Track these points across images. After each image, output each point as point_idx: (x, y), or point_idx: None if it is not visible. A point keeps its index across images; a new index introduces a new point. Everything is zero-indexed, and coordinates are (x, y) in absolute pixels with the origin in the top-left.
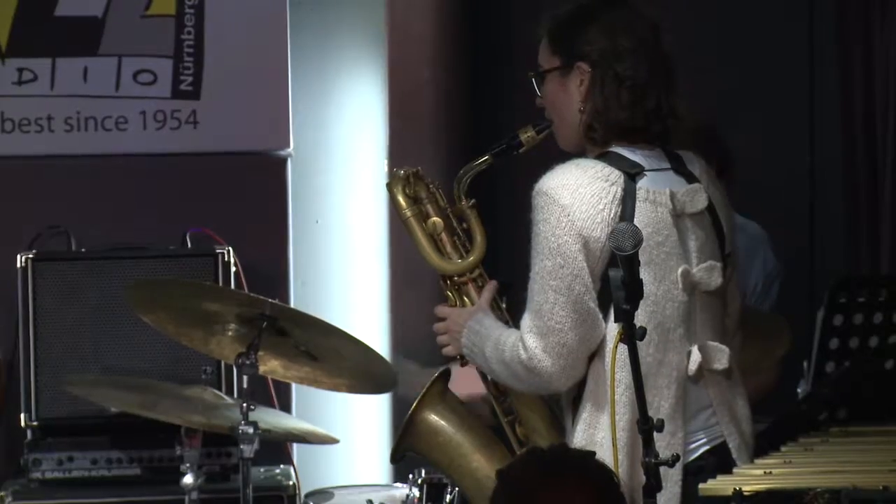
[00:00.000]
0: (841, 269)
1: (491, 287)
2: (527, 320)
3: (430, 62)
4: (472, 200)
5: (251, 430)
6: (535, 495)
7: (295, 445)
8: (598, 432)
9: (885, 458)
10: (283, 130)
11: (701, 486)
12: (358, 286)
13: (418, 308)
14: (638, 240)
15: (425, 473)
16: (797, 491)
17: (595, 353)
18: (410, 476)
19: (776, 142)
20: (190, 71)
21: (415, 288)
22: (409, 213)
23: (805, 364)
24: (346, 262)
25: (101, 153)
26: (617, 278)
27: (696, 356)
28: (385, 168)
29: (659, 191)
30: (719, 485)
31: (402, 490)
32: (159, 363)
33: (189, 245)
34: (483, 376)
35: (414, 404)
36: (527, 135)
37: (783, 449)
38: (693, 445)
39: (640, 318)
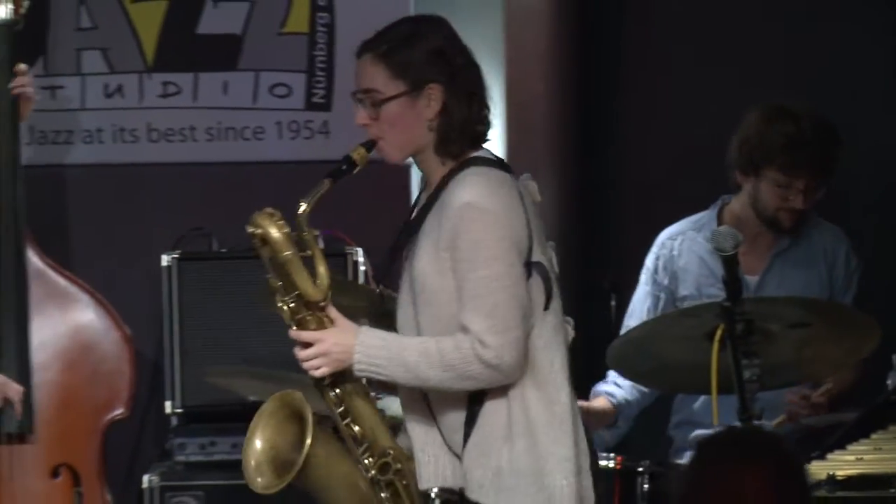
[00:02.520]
0: None
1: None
2: (480, 322)
3: (544, 77)
4: (316, 232)
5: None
6: (739, 477)
7: None
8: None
9: None
10: None
11: None
12: None
13: None
14: (738, 241)
15: None
16: (887, 475)
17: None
18: None
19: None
20: (322, 84)
21: None
22: (288, 250)
23: (894, 357)
24: None
25: (239, 161)
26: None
27: (570, 323)
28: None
29: (522, 183)
30: (813, 469)
31: None
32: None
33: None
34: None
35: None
36: (358, 153)
37: (873, 436)
38: None
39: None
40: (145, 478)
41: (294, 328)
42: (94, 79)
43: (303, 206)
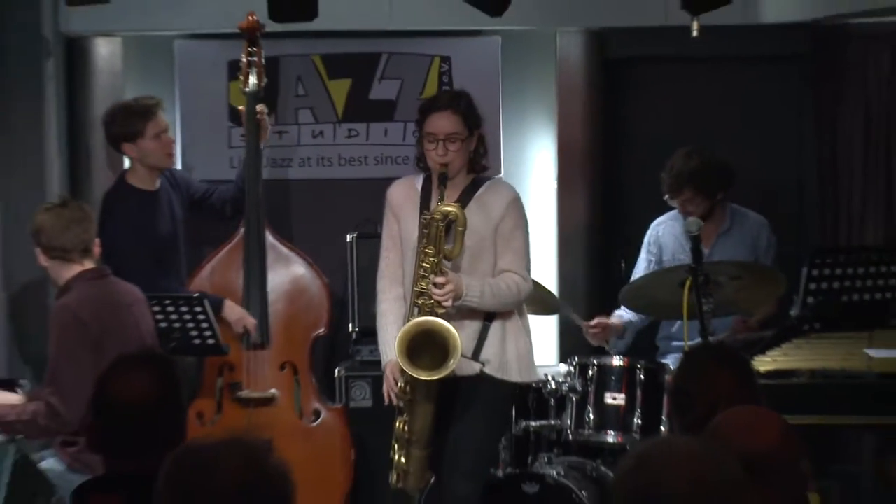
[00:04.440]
0: (816, 242)
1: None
2: (522, 269)
3: (581, 125)
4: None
5: None
6: (714, 372)
7: None
8: (510, 334)
9: (843, 352)
10: (497, 158)
11: None
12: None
13: (574, 271)
14: (700, 226)
15: (578, 358)
16: (790, 370)
17: None
18: (568, 359)
19: (772, 162)
20: None
21: (568, 263)
22: (462, 226)
23: (795, 297)
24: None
25: (393, 176)
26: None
27: None
28: (555, 185)
29: None
30: None
31: (564, 367)
32: None
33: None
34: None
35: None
36: (444, 170)
37: (783, 346)
38: None
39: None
40: (336, 370)
41: (432, 276)
42: (305, 126)
43: (448, 203)
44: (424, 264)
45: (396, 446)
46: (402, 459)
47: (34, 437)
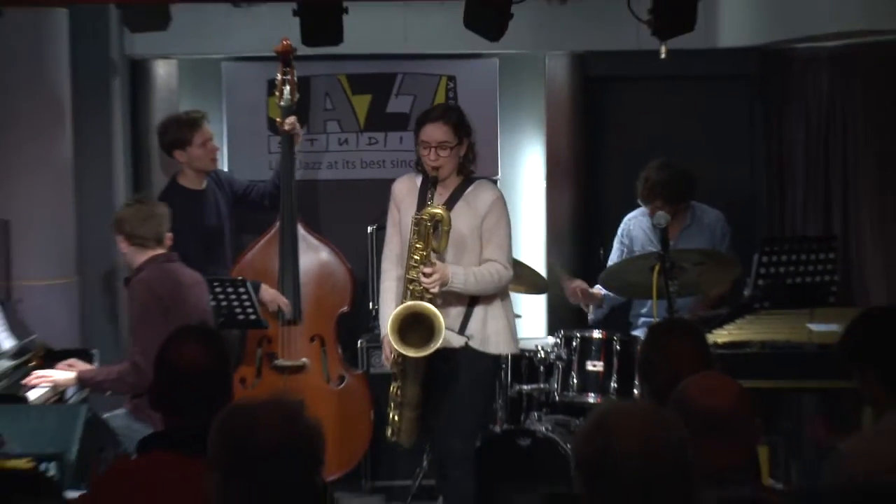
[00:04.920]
0: (765, 233)
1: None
2: (504, 259)
3: (567, 136)
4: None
5: None
6: (678, 342)
7: None
8: (491, 314)
9: (788, 327)
10: (494, 162)
11: None
12: (524, 242)
13: (560, 258)
14: (668, 220)
15: (563, 331)
16: (743, 341)
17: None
18: (555, 332)
19: (728, 166)
20: None
21: (555, 251)
22: (447, 225)
23: (748, 280)
24: (523, 232)
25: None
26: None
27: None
28: (544, 185)
29: None
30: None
31: (552, 339)
32: None
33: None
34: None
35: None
36: (435, 173)
37: (737, 321)
38: None
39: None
40: (358, 341)
41: (422, 266)
42: (332, 135)
43: (436, 205)
44: (415, 256)
45: (392, 406)
46: (396, 418)
47: (121, 393)
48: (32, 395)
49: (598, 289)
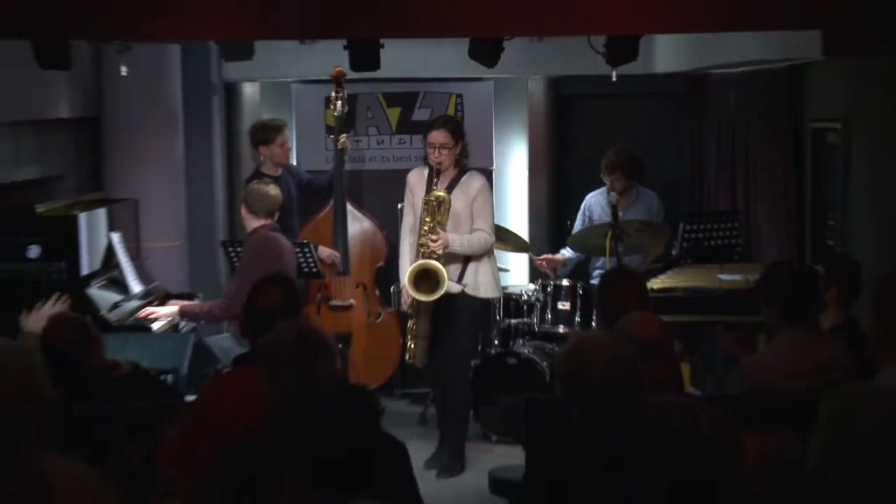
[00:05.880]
0: (688, 209)
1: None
2: (487, 228)
3: (543, 137)
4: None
5: None
6: (624, 284)
7: None
8: (480, 269)
9: (704, 276)
10: (490, 156)
11: None
12: (512, 216)
13: (539, 227)
14: (617, 198)
15: (541, 280)
16: (673, 287)
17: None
18: (535, 281)
19: (662, 161)
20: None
21: (538, 227)
22: (449, 204)
23: (675, 243)
24: (511, 207)
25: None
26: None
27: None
28: (527, 174)
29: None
30: None
31: (533, 286)
32: None
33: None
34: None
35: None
36: (438, 165)
37: (668, 273)
38: None
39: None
40: (391, 287)
41: (430, 234)
42: (372, 137)
43: (440, 189)
44: (425, 228)
45: (409, 337)
46: (412, 346)
47: (211, 323)
48: (155, 326)
49: (562, 253)
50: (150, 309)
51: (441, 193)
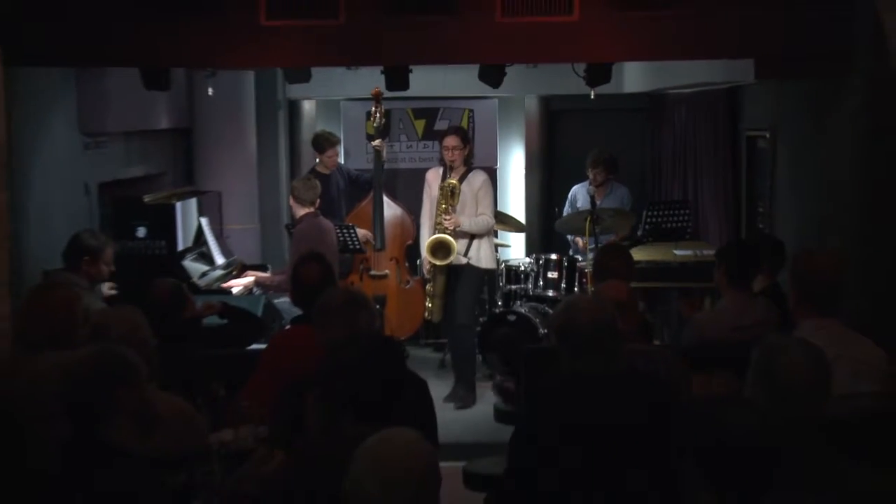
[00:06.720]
0: (650, 199)
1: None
2: (489, 212)
3: (537, 142)
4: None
5: None
6: (610, 256)
7: None
8: (482, 245)
9: (662, 251)
10: (495, 157)
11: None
12: (513, 205)
13: (533, 215)
14: (594, 191)
15: (535, 254)
16: (636, 260)
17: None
18: (530, 255)
19: (631, 162)
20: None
21: (533, 212)
22: (459, 191)
23: (639, 225)
24: (512, 197)
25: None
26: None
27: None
28: (524, 172)
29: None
30: None
31: (528, 259)
32: None
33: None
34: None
35: None
36: (451, 164)
37: (633, 249)
38: None
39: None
40: (418, 260)
41: (444, 215)
42: (403, 143)
43: (453, 179)
44: (439, 210)
45: (427, 298)
46: (430, 304)
47: (279, 292)
48: (234, 290)
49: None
50: (233, 281)
51: (454, 182)
